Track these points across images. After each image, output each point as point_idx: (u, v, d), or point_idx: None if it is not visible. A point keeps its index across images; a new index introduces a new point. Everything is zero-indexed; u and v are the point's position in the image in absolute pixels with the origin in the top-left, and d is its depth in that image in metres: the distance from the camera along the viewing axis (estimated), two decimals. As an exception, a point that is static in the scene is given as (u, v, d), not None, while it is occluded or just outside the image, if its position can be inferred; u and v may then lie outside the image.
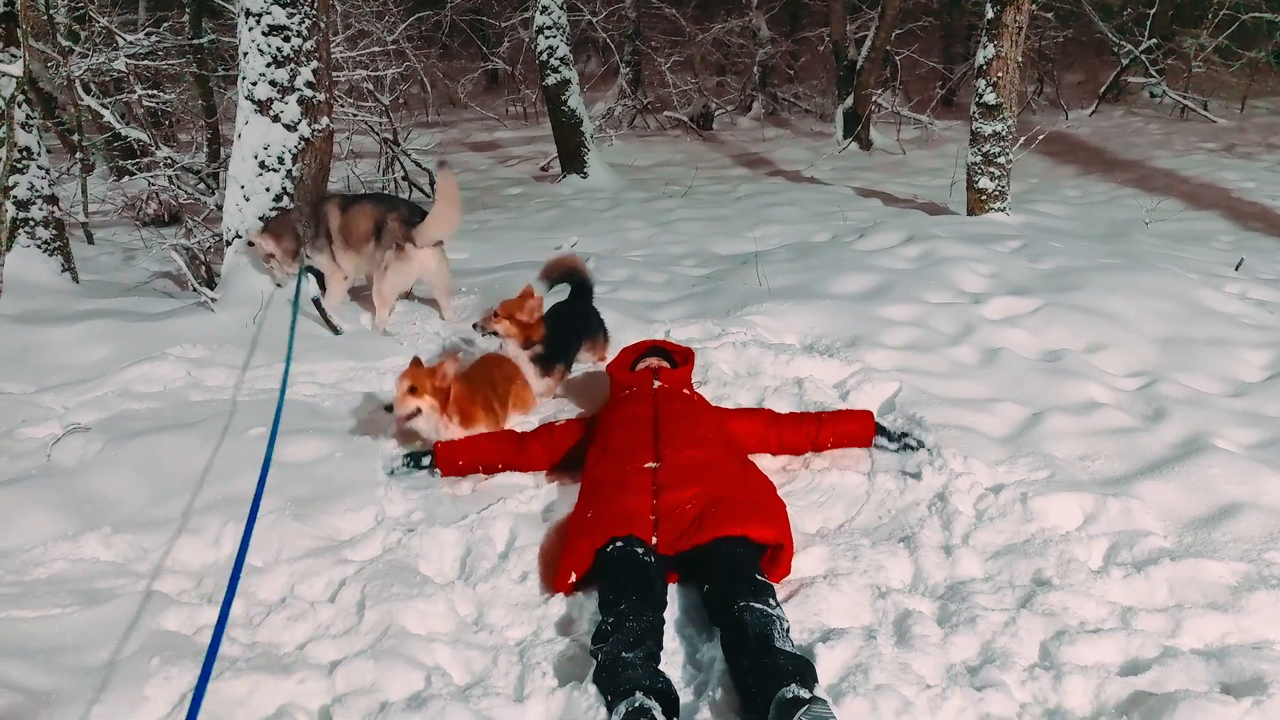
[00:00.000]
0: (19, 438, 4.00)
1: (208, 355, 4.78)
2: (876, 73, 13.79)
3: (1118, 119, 14.75)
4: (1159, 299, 5.28)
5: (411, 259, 5.24)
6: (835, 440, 3.77)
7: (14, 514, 3.36)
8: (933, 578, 3.04)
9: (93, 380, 4.54)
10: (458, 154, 14.77)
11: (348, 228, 5.40)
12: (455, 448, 3.76)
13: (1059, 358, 4.62)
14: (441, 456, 3.73)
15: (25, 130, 5.87)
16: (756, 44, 16.73)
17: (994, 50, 7.57)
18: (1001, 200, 7.92)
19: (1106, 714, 2.41)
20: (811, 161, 12.64)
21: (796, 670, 2.35)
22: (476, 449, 3.76)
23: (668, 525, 3.01)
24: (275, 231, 5.33)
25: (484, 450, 3.76)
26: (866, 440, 3.79)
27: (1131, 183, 10.41)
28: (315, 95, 5.58)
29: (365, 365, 4.81)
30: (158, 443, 3.84)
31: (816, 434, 3.76)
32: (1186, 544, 3.14)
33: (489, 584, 3.04)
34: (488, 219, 9.79)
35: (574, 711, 2.41)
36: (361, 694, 2.50)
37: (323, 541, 3.27)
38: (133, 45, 8.21)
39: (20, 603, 2.84)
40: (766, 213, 8.95)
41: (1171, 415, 4.00)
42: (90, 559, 3.15)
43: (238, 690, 2.48)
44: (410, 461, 3.78)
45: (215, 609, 2.88)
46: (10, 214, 5.85)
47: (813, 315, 5.17)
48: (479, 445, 3.77)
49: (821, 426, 3.77)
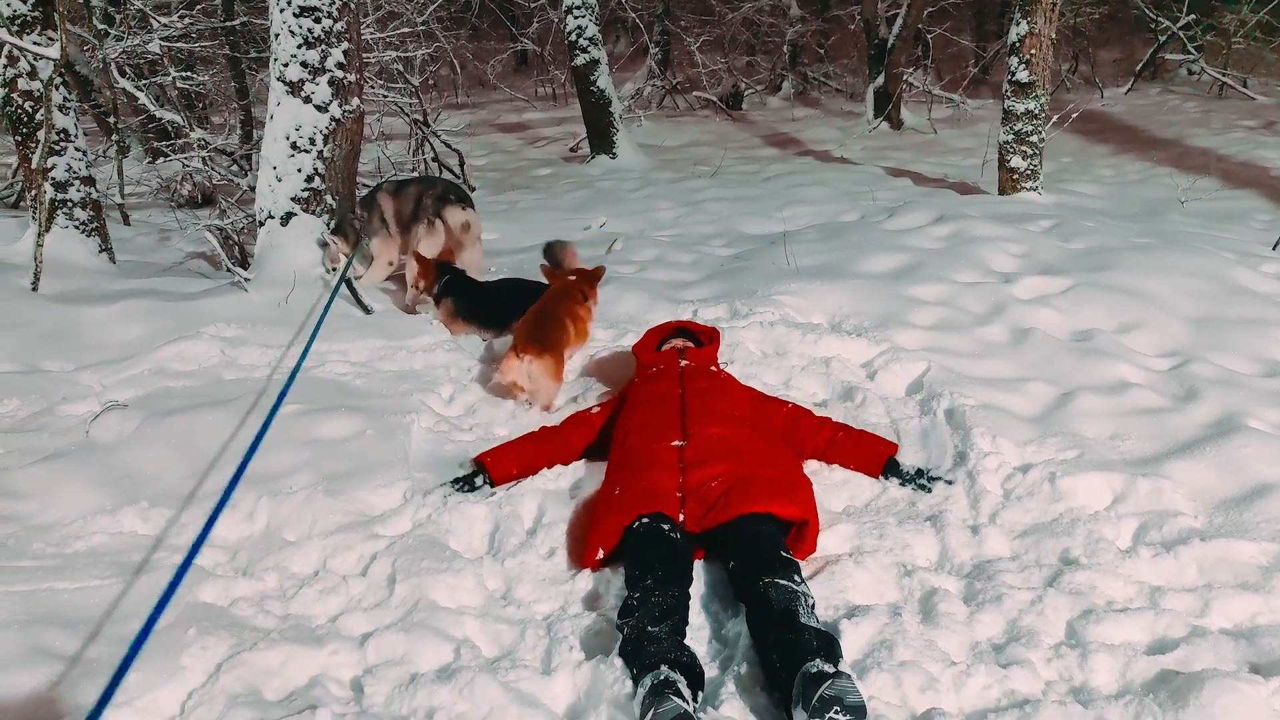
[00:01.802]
0: (59, 415, 4.08)
1: (241, 334, 4.85)
2: (908, 51, 13.64)
3: (1154, 97, 14.50)
4: (1193, 278, 5.20)
5: (439, 235, 5.32)
6: (841, 464, 3.57)
7: (54, 489, 3.43)
8: (959, 556, 3.04)
9: (130, 359, 4.62)
10: (487, 135, 14.81)
11: (400, 210, 5.64)
12: (503, 457, 3.61)
13: (1090, 337, 4.57)
14: (493, 467, 3.57)
15: (62, 112, 5.95)
16: (787, 23, 16.59)
17: (1027, 27, 7.46)
18: (1034, 179, 7.83)
19: (1133, 692, 2.41)
20: (841, 141, 12.55)
21: (821, 645, 2.37)
22: (522, 453, 3.64)
23: (694, 502, 3.03)
24: (344, 233, 5.57)
25: (529, 454, 3.64)
26: (874, 472, 3.52)
27: (1167, 161, 10.24)
28: (346, 76, 5.62)
29: (396, 344, 4.86)
30: (193, 420, 3.90)
31: (824, 451, 3.59)
32: (1217, 524, 3.11)
33: (517, 559, 3.08)
34: (517, 200, 9.82)
35: (600, 684, 2.44)
36: (392, 665, 2.55)
37: (354, 517, 3.32)
38: (166, 28, 8.27)
39: (61, 574, 2.91)
40: (795, 193, 8.90)
41: (1204, 395, 3.95)
42: (128, 532, 3.22)
43: (271, 661, 2.53)
44: (462, 486, 3.52)
45: (252, 582, 2.95)
46: (49, 195, 5.95)
47: (841, 295, 5.15)
48: (524, 450, 3.65)
49: (833, 446, 3.57)
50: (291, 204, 5.59)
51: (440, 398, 4.33)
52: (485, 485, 3.53)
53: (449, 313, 5.10)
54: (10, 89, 5.86)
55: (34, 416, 4.08)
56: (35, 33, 5.74)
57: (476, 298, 5.13)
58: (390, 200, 5.68)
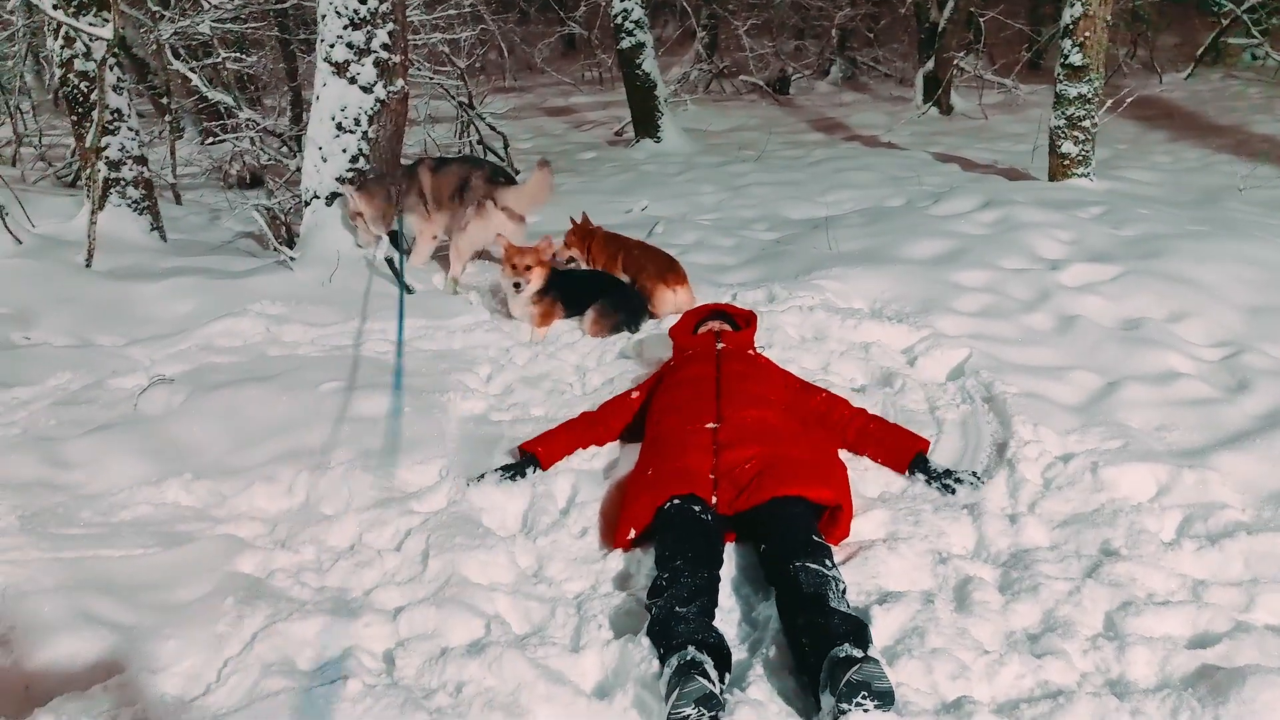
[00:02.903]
0: (108, 388, 4.18)
1: (286, 312, 4.92)
2: (959, 35, 13.41)
3: (1215, 82, 14.10)
4: (1249, 267, 5.06)
5: (491, 217, 5.32)
6: (870, 457, 3.51)
7: (103, 460, 3.52)
8: (996, 545, 2.99)
9: (178, 334, 4.72)
10: (533, 118, 14.84)
11: (440, 188, 5.54)
12: (553, 444, 3.58)
13: (1138, 326, 4.48)
14: (544, 457, 3.51)
15: (116, 93, 6.07)
16: (836, 6, 16.35)
17: (1081, 8, 7.30)
18: (1085, 165, 7.66)
19: (1171, 686, 2.36)
20: (889, 126, 12.37)
21: (850, 630, 2.35)
22: (571, 439, 3.63)
23: (727, 484, 3.01)
24: (369, 190, 5.45)
25: (576, 439, 3.64)
26: (900, 469, 3.42)
27: (1227, 148, 9.96)
28: (391, 57, 5.66)
29: (436, 324, 4.90)
30: (237, 395, 3.97)
31: (854, 440, 3.53)
32: (1265, 518, 3.03)
33: (549, 538, 3.09)
34: (561, 183, 9.81)
35: (628, 663, 2.45)
36: (424, 639, 2.58)
37: (390, 493, 3.36)
38: (217, 10, 8.39)
39: (108, 542, 2.98)
40: (840, 177, 8.81)
41: (1256, 386, 3.85)
42: (172, 503, 3.29)
43: (307, 631, 2.57)
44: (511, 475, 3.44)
45: (289, 554, 3.00)
46: (102, 174, 6.08)
47: (883, 280, 5.09)
48: (573, 436, 3.64)
49: (864, 438, 3.51)
50: (337, 184, 5.65)
51: (478, 377, 4.36)
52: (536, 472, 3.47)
53: (549, 306, 4.92)
54: (67, 69, 5.98)
55: (85, 389, 4.18)
56: (90, 14, 5.85)
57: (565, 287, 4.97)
58: (430, 176, 5.60)
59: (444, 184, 5.56)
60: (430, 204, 5.59)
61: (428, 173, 5.61)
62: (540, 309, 4.88)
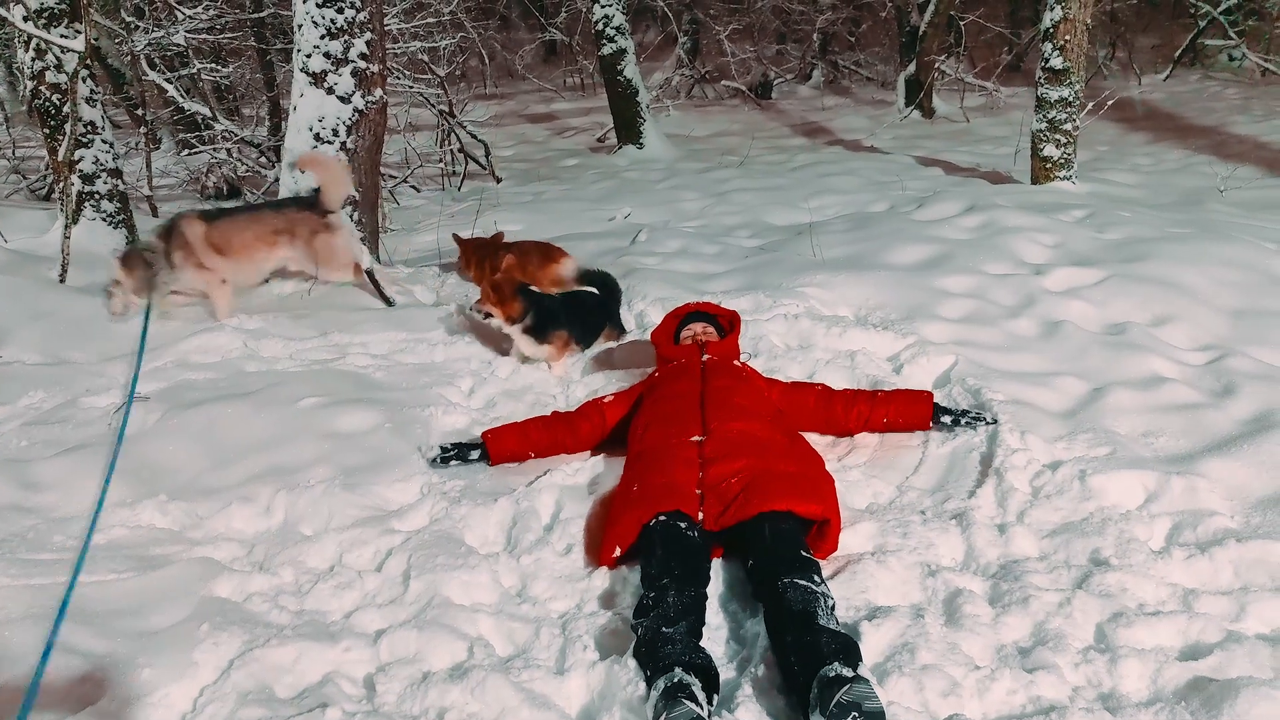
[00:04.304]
0: (82, 406, 4.10)
1: (263, 326, 4.85)
2: (940, 38, 13.45)
3: (1194, 83, 14.20)
4: (1232, 269, 5.06)
5: (341, 224, 5.15)
6: (890, 422, 3.66)
7: (75, 481, 3.44)
8: (985, 556, 2.96)
9: (153, 350, 4.63)
10: (514, 125, 14.79)
11: (225, 239, 4.98)
12: (504, 435, 3.66)
13: (1123, 331, 4.46)
14: (492, 445, 3.62)
15: (90, 105, 5.98)
16: (817, 10, 16.40)
17: (1061, 12, 7.32)
18: (1067, 168, 7.68)
19: (1164, 700, 2.33)
20: (872, 130, 12.41)
21: (840, 649, 2.31)
22: (526, 434, 3.67)
23: (713, 499, 2.97)
24: (129, 262, 4.93)
25: (534, 435, 3.67)
26: (924, 422, 3.64)
27: (1207, 149, 10.02)
28: (369, 67, 5.60)
29: (417, 337, 4.83)
30: (213, 412, 3.90)
31: (870, 413, 3.65)
32: (1254, 525, 3.01)
33: (533, 556, 3.04)
34: (543, 190, 9.80)
35: (614, 685, 2.40)
36: (405, 663, 2.52)
37: (371, 511, 3.30)
38: (191, 20, 8.30)
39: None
40: (824, 182, 8.81)
41: (1242, 390, 3.84)
42: (147, 525, 3.22)
43: (284, 657, 2.51)
44: (454, 453, 3.62)
45: (267, 577, 2.93)
46: (76, 188, 5.98)
47: (867, 287, 5.06)
48: (528, 430, 3.68)
49: (875, 406, 3.65)
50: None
51: (460, 391, 4.31)
52: (481, 461, 3.62)
53: (563, 343, 4.53)
54: (38, 81, 5.89)
55: (58, 408, 4.10)
56: (62, 25, 5.77)
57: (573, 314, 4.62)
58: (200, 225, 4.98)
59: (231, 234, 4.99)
60: (205, 255, 4.95)
61: (197, 223, 5.00)
62: (553, 346, 4.50)
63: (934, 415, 3.64)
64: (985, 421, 3.61)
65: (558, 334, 4.49)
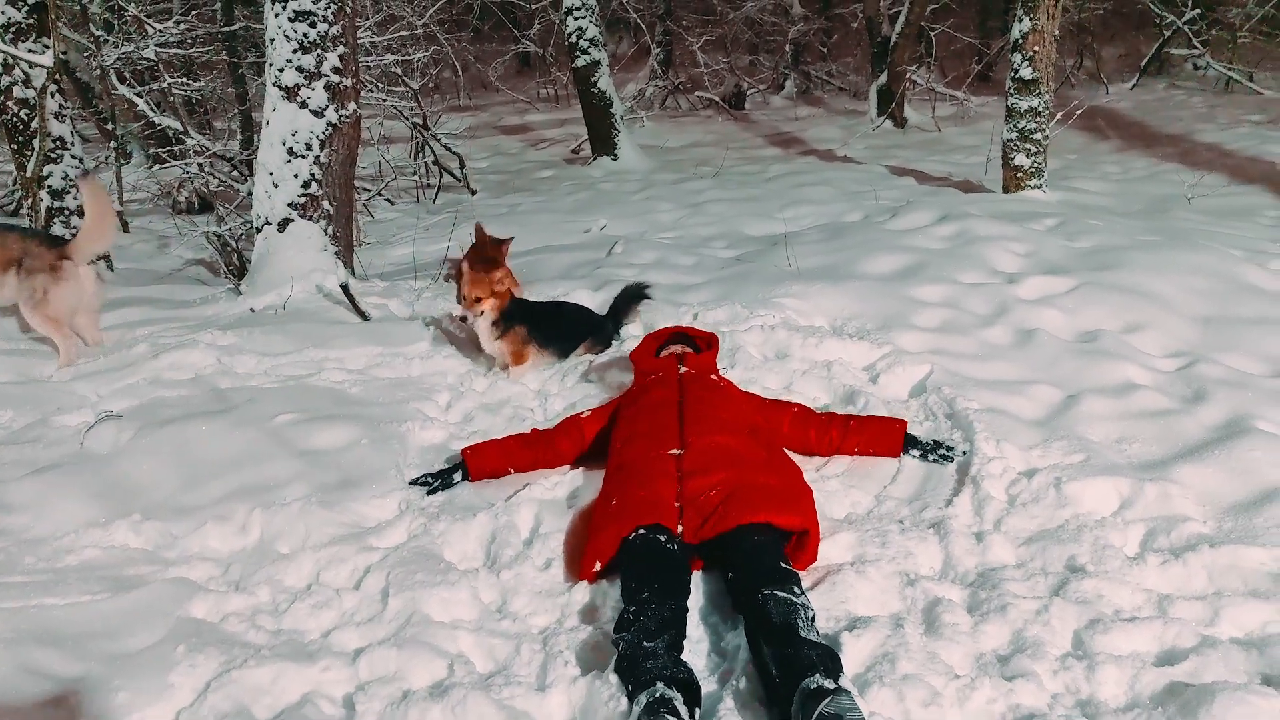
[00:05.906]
0: (53, 425, 4.04)
1: (238, 342, 4.81)
2: (911, 49, 13.58)
3: (1160, 92, 14.41)
4: (1200, 277, 5.14)
5: (73, 276, 4.73)
6: (860, 450, 3.63)
7: (47, 502, 3.38)
8: (963, 564, 2.98)
9: (126, 368, 4.58)
10: (489, 137, 14.77)
11: None
12: (484, 451, 3.64)
13: (1095, 338, 4.51)
14: (472, 463, 3.60)
15: (59, 120, 5.93)
16: (789, 22, 16.54)
17: (1030, 23, 7.40)
18: (1038, 177, 7.77)
19: (1141, 705, 2.35)
20: (845, 140, 12.49)
21: (821, 660, 2.32)
22: (506, 451, 3.66)
23: (692, 512, 2.97)
24: None
25: (513, 452, 3.66)
26: (895, 451, 3.60)
27: (1174, 158, 10.16)
28: (342, 81, 5.58)
29: (393, 351, 4.81)
30: (187, 430, 3.86)
31: (840, 441, 3.62)
32: (1227, 529, 3.04)
33: (513, 571, 3.03)
34: (518, 203, 9.79)
35: (595, 701, 2.39)
36: (384, 682, 2.50)
37: (348, 528, 3.28)
38: (162, 34, 8.24)
39: (52, 590, 2.87)
40: (798, 193, 8.85)
41: (1212, 396, 3.89)
42: (120, 546, 3.17)
43: (262, 678, 2.48)
44: (439, 484, 3.57)
45: (244, 596, 2.90)
46: (45, 203, 5.93)
47: (843, 297, 5.09)
48: (509, 447, 3.67)
49: (847, 434, 3.61)
50: (289, 210, 5.56)
51: (438, 405, 4.29)
52: (463, 481, 3.59)
53: (521, 340, 4.58)
54: (5, 97, 5.84)
55: (28, 428, 4.04)
56: (30, 40, 5.72)
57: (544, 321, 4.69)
58: None
59: None
60: None
61: None
62: (510, 346, 4.57)
63: (905, 445, 3.61)
64: (951, 459, 3.56)
65: (515, 330, 4.53)
